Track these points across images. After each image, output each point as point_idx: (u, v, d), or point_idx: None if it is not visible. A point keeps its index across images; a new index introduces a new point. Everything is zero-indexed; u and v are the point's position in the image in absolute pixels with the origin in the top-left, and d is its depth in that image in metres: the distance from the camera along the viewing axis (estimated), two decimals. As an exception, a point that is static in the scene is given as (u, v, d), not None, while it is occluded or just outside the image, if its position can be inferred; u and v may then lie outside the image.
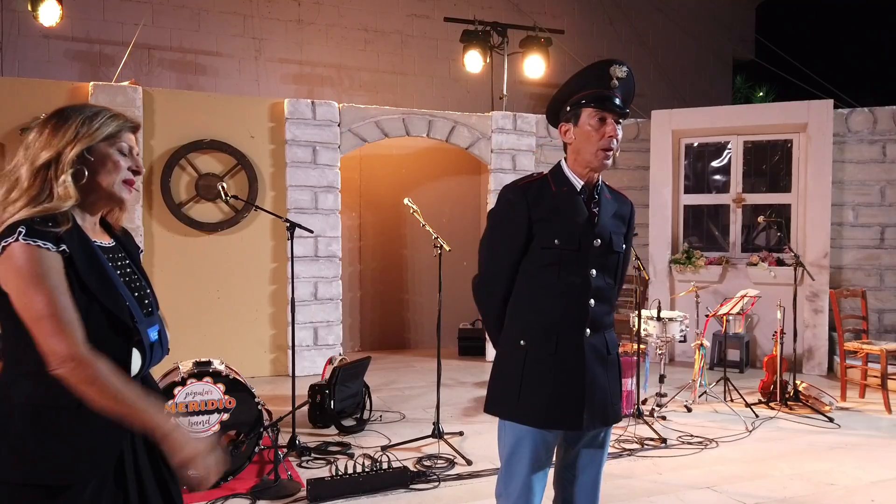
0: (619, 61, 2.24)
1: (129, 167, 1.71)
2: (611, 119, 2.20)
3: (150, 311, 1.75)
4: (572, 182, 2.27)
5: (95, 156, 1.66)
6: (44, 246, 1.52)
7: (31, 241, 1.50)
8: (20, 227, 1.52)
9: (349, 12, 9.08)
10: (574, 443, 2.32)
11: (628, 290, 7.66)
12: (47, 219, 1.55)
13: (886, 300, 7.17)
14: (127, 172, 1.70)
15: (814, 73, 8.41)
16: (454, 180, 8.06)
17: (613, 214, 2.33)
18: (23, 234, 1.50)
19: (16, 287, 1.52)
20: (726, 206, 7.67)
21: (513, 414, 2.25)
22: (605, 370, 2.29)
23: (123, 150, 1.71)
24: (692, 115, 7.69)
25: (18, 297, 1.52)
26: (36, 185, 1.58)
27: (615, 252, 2.30)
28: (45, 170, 1.60)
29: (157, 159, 6.38)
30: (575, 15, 10.15)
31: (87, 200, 1.67)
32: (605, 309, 2.30)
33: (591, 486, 2.34)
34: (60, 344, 1.49)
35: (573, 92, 2.25)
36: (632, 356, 5.26)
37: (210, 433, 3.74)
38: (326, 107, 6.94)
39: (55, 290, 1.51)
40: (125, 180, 1.70)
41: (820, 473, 4.17)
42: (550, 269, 2.22)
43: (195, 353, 4.53)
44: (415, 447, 4.49)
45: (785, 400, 5.57)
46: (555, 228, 2.22)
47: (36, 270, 1.50)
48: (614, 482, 3.95)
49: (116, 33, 7.96)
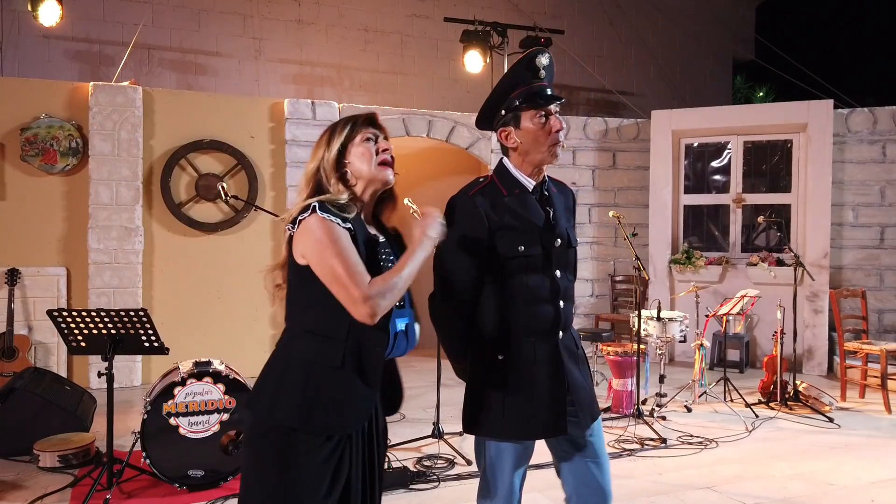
0: (541, 50, 2.21)
1: (377, 150, 1.98)
2: (552, 112, 2.17)
3: (401, 304, 1.97)
4: (523, 183, 2.21)
5: (347, 153, 1.97)
6: (333, 220, 1.83)
7: (324, 215, 1.82)
8: (313, 204, 1.84)
9: (349, 12, 9.08)
10: (576, 445, 2.29)
11: (628, 290, 7.67)
12: (334, 203, 1.87)
13: (886, 300, 7.17)
14: (379, 156, 1.98)
15: (814, 73, 8.41)
16: (454, 180, 7.98)
17: (564, 208, 2.30)
18: (317, 209, 1.83)
19: (314, 253, 1.82)
20: (726, 206, 7.67)
21: (495, 432, 2.17)
22: (579, 367, 2.27)
23: (368, 140, 1.99)
24: (692, 115, 7.69)
25: (318, 262, 1.82)
26: (311, 188, 1.96)
27: (572, 248, 2.28)
28: (316, 175, 1.97)
29: (157, 159, 6.38)
30: (575, 15, 10.15)
31: (359, 190, 1.98)
32: (570, 307, 2.28)
33: (603, 483, 2.32)
34: (356, 291, 1.78)
35: (506, 93, 2.20)
36: (632, 356, 5.26)
37: (209, 433, 3.75)
38: (326, 107, 6.94)
39: (346, 251, 1.81)
40: (379, 161, 1.98)
41: (820, 473, 4.17)
42: (518, 277, 2.15)
43: (195, 353, 4.53)
44: (415, 447, 4.49)
45: (785, 400, 5.57)
46: (516, 235, 2.14)
47: (330, 237, 1.81)
48: (614, 482, 3.92)
49: (116, 33, 7.96)
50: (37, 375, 4.61)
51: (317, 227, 1.82)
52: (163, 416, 3.67)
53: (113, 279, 6.14)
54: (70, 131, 6.06)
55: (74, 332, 3.57)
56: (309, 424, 1.82)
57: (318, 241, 1.81)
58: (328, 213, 1.83)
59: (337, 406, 1.85)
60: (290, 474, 1.82)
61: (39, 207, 6.05)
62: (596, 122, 8.02)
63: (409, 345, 2.01)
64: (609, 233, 7.79)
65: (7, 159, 5.96)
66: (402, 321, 1.96)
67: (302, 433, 1.83)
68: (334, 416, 1.84)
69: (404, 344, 1.98)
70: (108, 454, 3.63)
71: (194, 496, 3.67)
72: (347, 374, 1.86)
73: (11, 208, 5.96)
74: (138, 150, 6.25)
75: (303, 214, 1.84)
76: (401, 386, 2.12)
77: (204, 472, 3.72)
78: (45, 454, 4.05)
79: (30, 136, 5.92)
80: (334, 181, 1.93)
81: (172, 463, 3.68)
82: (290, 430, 1.83)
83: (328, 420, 1.84)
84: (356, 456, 1.94)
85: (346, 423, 1.87)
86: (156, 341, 3.61)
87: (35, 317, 5.92)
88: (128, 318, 3.52)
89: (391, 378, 2.08)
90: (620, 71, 10.31)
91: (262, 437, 1.86)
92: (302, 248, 1.85)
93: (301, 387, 1.85)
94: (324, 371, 1.86)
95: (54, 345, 5.95)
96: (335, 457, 1.87)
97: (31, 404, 4.32)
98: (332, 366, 1.85)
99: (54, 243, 6.10)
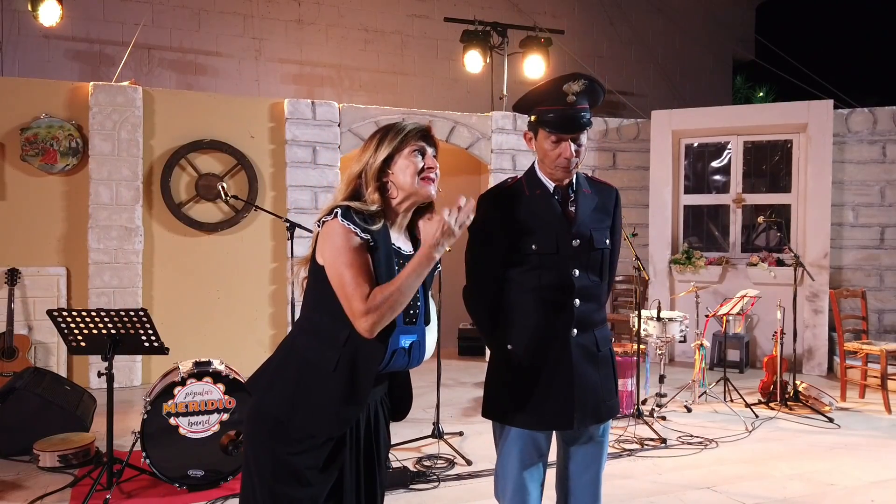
0: (577, 75, 2.21)
1: (422, 166, 1.93)
2: (566, 139, 2.19)
3: (412, 321, 1.96)
4: (545, 184, 2.28)
5: (392, 163, 1.94)
6: (353, 228, 1.84)
7: (344, 221, 1.84)
8: (337, 209, 1.87)
9: (349, 12, 9.08)
10: (571, 442, 2.33)
11: (628, 290, 7.67)
12: (360, 212, 1.87)
13: (886, 300, 7.17)
14: (424, 172, 1.93)
15: (814, 73, 8.41)
16: (454, 180, 8.05)
17: (595, 209, 2.31)
18: (339, 215, 1.85)
19: (329, 256, 1.86)
20: (726, 206, 7.67)
21: (505, 417, 2.28)
22: (596, 368, 2.29)
23: (416, 153, 1.95)
24: (692, 116, 7.69)
25: (330, 266, 1.85)
26: (349, 191, 1.94)
27: (597, 249, 2.29)
28: (357, 178, 1.95)
29: (157, 159, 6.38)
30: (575, 15, 10.15)
31: (396, 202, 1.95)
32: (592, 307, 2.30)
33: (591, 486, 2.34)
34: (357, 305, 1.80)
35: (536, 103, 2.25)
36: (632, 356, 5.26)
37: (209, 433, 3.75)
38: (326, 107, 6.94)
39: (357, 262, 1.82)
40: (422, 177, 1.93)
41: (820, 473, 4.18)
42: (532, 273, 2.24)
43: (195, 353, 4.53)
44: (415, 447, 4.50)
45: (785, 400, 5.57)
46: (531, 233, 2.23)
47: (346, 245, 1.83)
48: (614, 482, 3.95)
49: (116, 33, 7.96)
50: (37, 375, 4.61)
51: (335, 232, 1.85)
52: (163, 416, 3.67)
53: (113, 279, 6.14)
54: (70, 131, 6.06)
55: (74, 332, 3.57)
56: (291, 422, 1.87)
57: (334, 247, 1.84)
58: (349, 221, 1.85)
59: (320, 410, 1.86)
60: (280, 460, 1.87)
61: (39, 207, 6.05)
62: (596, 122, 8.01)
63: (413, 361, 1.98)
64: (609, 233, 7.77)
65: (7, 159, 5.96)
66: (407, 338, 1.95)
67: (283, 424, 1.88)
68: (315, 420, 1.87)
69: (404, 361, 1.96)
70: (108, 454, 3.64)
71: (194, 496, 3.67)
72: (337, 382, 1.86)
73: (11, 208, 5.96)
74: (138, 150, 6.25)
75: (328, 216, 1.88)
76: (410, 394, 2.12)
77: (204, 472, 3.72)
78: (45, 454, 4.05)
79: (30, 135, 5.92)
80: (371, 189, 1.92)
81: (172, 463, 3.68)
82: (279, 421, 1.88)
83: (308, 422, 1.86)
84: (350, 458, 1.95)
85: (325, 428, 1.88)
86: (156, 341, 3.61)
87: (35, 317, 5.93)
88: (128, 318, 3.52)
89: (401, 386, 2.10)
90: (620, 71, 10.31)
91: (258, 417, 1.93)
92: (321, 249, 1.90)
93: (293, 383, 1.89)
94: (317, 373, 1.88)
95: (54, 345, 5.96)
96: (322, 455, 1.89)
97: (31, 404, 4.32)
98: (325, 370, 1.87)
99: (54, 243, 6.10)
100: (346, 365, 1.87)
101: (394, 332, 1.89)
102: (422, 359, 2.02)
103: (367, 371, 1.88)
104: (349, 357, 1.87)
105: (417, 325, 1.98)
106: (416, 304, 1.98)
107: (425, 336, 2.01)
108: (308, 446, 1.88)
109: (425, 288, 2.01)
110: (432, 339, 2.06)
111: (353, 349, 1.87)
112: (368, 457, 2.01)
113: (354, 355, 1.87)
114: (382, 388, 2.05)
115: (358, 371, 1.87)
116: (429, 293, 2.06)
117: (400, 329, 1.92)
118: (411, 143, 1.94)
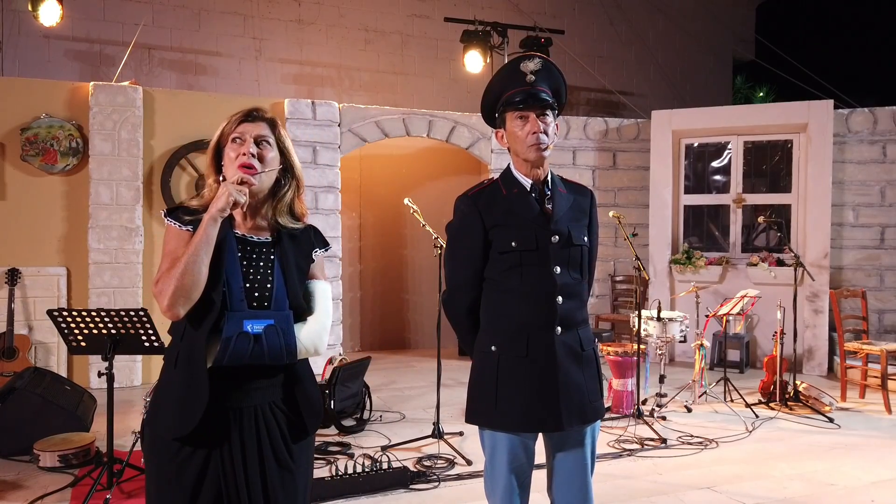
0: (530, 55, 2.26)
1: (238, 154, 1.88)
2: (532, 115, 2.21)
3: (262, 305, 1.86)
4: (521, 182, 2.29)
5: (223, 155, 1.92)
6: (174, 223, 1.87)
7: (167, 219, 1.89)
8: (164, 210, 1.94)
9: (349, 12, 9.08)
10: (558, 446, 2.29)
11: (629, 290, 7.67)
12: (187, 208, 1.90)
13: (886, 300, 7.17)
14: (238, 159, 1.87)
15: (814, 73, 8.41)
16: (454, 180, 8.05)
17: (571, 207, 2.32)
18: (164, 213, 1.91)
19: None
20: (726, 206, 7.67)
21: (490, 422, 2.25)
22: (581, 367, 2.27)
23: (237, 141, 1.90)
24: (692, 116, 7.69)
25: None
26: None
27: (576, 245, 2.29)
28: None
29: (157, 159, 6.38)
30: (575, 15, 10.15)
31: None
32: (574, 305, 2.30)
33: (580, 492, 2.29)
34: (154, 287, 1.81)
35: (497, 96, 2.29)
36: (632, 356, 5.27)
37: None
38: (326, 107, 6.94)
39: (171, 252, 1.82)
40: (240, 165, 1.86)
41: (820, 473, 4.18)
42: (513, 272, 2.23)
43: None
44: (415, 447, 4.49)
45: (785, 400, 5.57)
46: (510, 231, 2.23)
47: (165, 239, 1.88)
48: (614, 482, 3.96)
49: (116, 33, 7.96)
50: (37, 375, 4.61)
51: (166, 231, 1.91)
52: (163, 415, 3.66)
53: (113, 279, 6.14)
54: (70, 131, 6.06)
55: (74, 332, 3.57)
56: (150, 424, 1.89)
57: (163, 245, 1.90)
58: (171, 217, 1.89)
59: (164, 410, 1.84)
60: (153, 469, 1.87)
61: (39, 207, 6.05)
62: (596, 122, 8.02)
63: (274, 350, 1.82)
64: (609, 233, 7.78)
65: (7, 159, 5.96)
66: (257, 323, 1.81)
67: (152, 432, 1.89)
68: (161, 420, 1.84)
69: (251, 347, 1.79)
70: (108, 454, 3.64)
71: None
72: (179, 378, 1.82)
73: (11, 208, 5.96)
74: (138, 150, 6.25)
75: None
76: (311, 404, 1.95)
77: (204, 472, 3.72)
78: (45, 454, 4.05)
79: (30, 135, 5.92)
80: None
81: (172, 463, 3.67)
82: (145, 424, 1.94)
83: (156, 423, 1.86)
84: (227, 469, 1.82)
85: (170, 429, 1.81)
86: (156, 341, 3.61)
87: (35, 316, 5.93)
88: (128, 318, 3.52)
89: (299, 393, 1.93)
90: (620, 71, 10.32)
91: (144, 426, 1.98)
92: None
93: (157, 385, 1.93)
94: (167, 372, 1.89)
95: (54, 345, 5.96)
96: (192, 463, 1.80)
97: (31, 404, 4.32)
98: (171, 367, 1.87)
99: (54, 243, 6.10)
100: (185, 360, 1.82)
101: (226, 317, 1.79)
102: (292, 348, 1.85)
103: (198, 361, 1.78)
104: (186, 352, 1.82)
105: (272, 310, 1.85)
106: (267, 288, 1.87)
107: (289, 323, 1.86)
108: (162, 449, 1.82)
109: (285, 272, 1.90)
110: (315, 328, 1.92)
111: (189, 342, 1.82)
112: (260, 471, 1.86)
113: (190, 348, 1.81)
114: (272, 390, 1.89)
115: (191, 363, 1.80)
116: (305, 281, 1.97)
117: (243, 314, 1.81)
118: (234, 129, 1.91)
